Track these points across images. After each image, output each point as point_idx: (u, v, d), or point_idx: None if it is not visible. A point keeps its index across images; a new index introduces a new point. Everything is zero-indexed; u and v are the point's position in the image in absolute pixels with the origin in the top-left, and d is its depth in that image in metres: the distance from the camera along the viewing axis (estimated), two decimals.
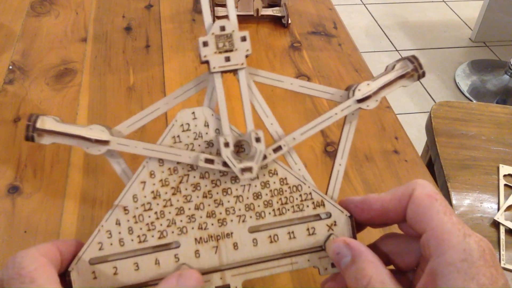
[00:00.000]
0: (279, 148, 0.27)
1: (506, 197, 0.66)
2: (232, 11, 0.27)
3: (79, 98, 0.50)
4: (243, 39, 0.26)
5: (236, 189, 0.27)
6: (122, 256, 0.26)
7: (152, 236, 0.27)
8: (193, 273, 0.25)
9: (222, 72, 0.27)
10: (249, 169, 0.26)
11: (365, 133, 0.48)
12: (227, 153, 0.26)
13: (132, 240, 0.27)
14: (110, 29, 0.61)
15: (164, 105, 0.27)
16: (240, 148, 0.27)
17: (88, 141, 0.26)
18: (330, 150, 0.46)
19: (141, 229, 0.27)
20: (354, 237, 0.28)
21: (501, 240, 0.62)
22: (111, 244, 0.26)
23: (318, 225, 0.28)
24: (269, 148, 0.27)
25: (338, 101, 0.29)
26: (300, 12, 0.66)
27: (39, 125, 0.25)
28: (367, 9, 2.15)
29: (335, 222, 0.28)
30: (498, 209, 0.65)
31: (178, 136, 0.27)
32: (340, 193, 0.29)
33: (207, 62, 0.27)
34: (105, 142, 0.26)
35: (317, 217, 0.28)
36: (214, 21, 0.26)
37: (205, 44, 0.26)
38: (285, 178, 0.28)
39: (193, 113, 0.27)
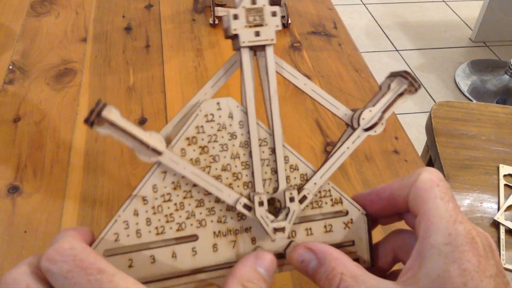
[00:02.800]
0: (304, 198, 0.27)
1: (506, 197, 0.66)
2: None
3: (79, 98, 0.50)
4: (274, 14, 0.26)
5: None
6: (139, 248, 0.26)
7: (170, 228, 0.26)
8: (268, 255, 0.25)
9: (251, 47, 0.26)
10: (281, 229, 0.26)
11: None
12: (261, 212, 0.26)
13: (150, 231, 0.26)
14: (110, 29, 0.61)
15: (203, 96, 0.27)
16: (272, 202, 0.27)
17: (144, 146, 0.25)
18: (330, 150, 0.46)
19: (159, 220, 0.26)
20: (369, 235, 0.28)
21: (501, 240, 0.62)
22: (128, 235, 0.26)
23: (335, 222, 0.28)
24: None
25: (342, 118, 0.28)
26: (300, 12, 0.66)
27: (105, 113, 0.24)
28: (367, 9, 2.15)
29: (351, 219, 0.28)
30: (498, 209, 0.65)
31: (202, 126, 0.27)
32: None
33: (235, 36, 0.26)
34: (159, 153, 0.25)
35: (335, 214, 0.28)
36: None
37: (236, 17, 0.25)
38: (305, 174, 0.28)
39: (218, 103, 0.27)
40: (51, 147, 0.45)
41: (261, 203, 0.26)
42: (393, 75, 0.28)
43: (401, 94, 0.28)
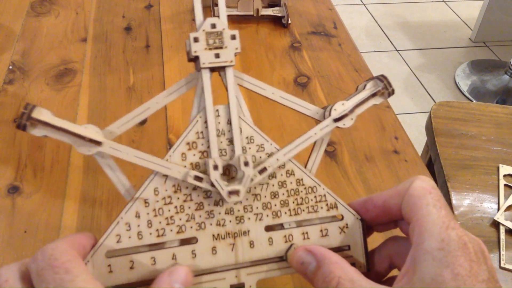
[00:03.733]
0: (264, 169, 0.27)
1: (506, 197, 0.66)
2: (222, 10, 0.27)
3: (79, 98, 0.50)
4: (233, 37, 0.27)
5: (255, 188, 0.28)
6: (140, 250, 0.26)
7: (171, 231, 0.27)
8: (182, 269, 0.25)
9: (211, 68, 0.27)
10: (236, 192, 0.26)
11: (365, 133, 0.48)
12: (215, 176, 0.26)
13: (151, 233, 0.26)
14: (110, 29, 0.61)
15: (154, 104, 0.27)
16: (228, 168, 0.27)
17: (81, 139, 0.26)
18: (330, 150, 0.46)
19: (160, 222, 0.27)
20: (365, 240, 0.29)
21: (501, 240, 0.62)
22: (130, 237, 0.26)
23: (331, 227, 0.28)
24: (254, 170, 0.27)
25: (314, 117, 0.29)
26: (300, 12, 0.66)
27: (35, 114, 0.25)
28: (367, 9, 2.14)
29: (346, 224, 0.28)
30: (498, 209, 0.65)
31: (202, 132, 0.27)
32: (340, 193, 0.29)
33: (196, 58, 0.27)
34: (98, 143, 0.26)
35: (330, 219, 0.29)
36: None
37: (196, 40, 0.27)
38: (301, 179, 0.28)
39: (217, 110, 0.27)
40: (51, 147, 0.45)
41: (215, 167, 0.26)
42: (371, 78, 0.30)
43: (374, 94, 0.29)
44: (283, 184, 0.28)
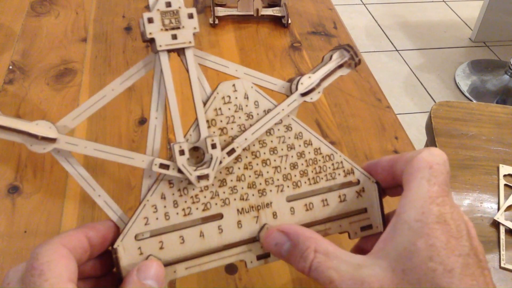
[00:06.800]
0: (232, 150, 0.27)
1: (506, 197, 0.66)
2: None
3: (79, 98, 0.50)
4: (190, 16, 0.25)
5: (275, 160, 0.28)
6: (168, 230, 0.27)
7: (197, 209, 0.27)
8: (150, 263, 0.25)
9: (169, 50, 0.26)
10: (205, 177, 0.26)
11: (365, 133, 0.48)
12: (182, 161, 0.26)
13: (177, 213, 0.27)
14: (110, 29, 0.61)
15: (110, 91, 0.26)
16: (195, 151, 0.27)
17: (33, 137, 0.24)
18: None
19: (185, 202, 0.27)
20: (381, 202, 0.29)
21: (501, 240, 0.62)
22: (157, 218, 0.26)
23: (349, 192, 0.29)
24: (223, 152, 0.27)
25: (280, 92, 0.29)
26: (300, 12, 0.66)
27: None
28: (367, 9, 2.15)
29: (363, 188, 0.29)
30: (498, 209, 0.65)
31: (220, 108, 0.27)
32: None
33: (151, 40, 0.25)
34: (52, 140, 0.25)
35: (348, 185, 0.29)
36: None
37: (150, 20, 0.25)
38: (319, 148, 0.29)
39: (234, 85, 0.27)
40: None
41: (181, 152, 0.26)
42: (337, 48, 0.29)
43: (341, 66, 0.29)
44: (301, 155, 0.28)
